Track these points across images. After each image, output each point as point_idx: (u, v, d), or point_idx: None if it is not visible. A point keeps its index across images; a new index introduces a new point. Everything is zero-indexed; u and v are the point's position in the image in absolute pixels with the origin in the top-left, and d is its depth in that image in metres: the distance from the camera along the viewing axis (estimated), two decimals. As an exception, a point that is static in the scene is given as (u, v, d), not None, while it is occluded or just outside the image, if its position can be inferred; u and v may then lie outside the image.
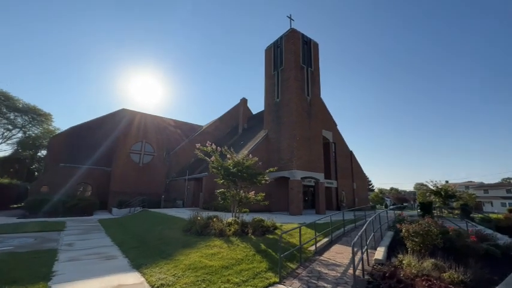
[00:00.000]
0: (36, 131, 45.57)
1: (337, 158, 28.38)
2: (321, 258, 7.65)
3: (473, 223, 17.49)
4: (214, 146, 11.50)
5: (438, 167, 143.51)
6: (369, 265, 6.93)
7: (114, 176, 27.97)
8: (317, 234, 10.20)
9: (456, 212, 26.61)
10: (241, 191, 11.87)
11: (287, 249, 7.39)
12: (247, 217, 11.51)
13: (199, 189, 23.99)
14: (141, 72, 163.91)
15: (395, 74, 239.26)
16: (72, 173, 27.74)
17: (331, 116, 29.28)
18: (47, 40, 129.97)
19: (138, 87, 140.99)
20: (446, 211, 27.76)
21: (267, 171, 12.08)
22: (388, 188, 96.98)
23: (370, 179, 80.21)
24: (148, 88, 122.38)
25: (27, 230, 12.30)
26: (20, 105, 41.92)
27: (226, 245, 7.91)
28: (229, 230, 9.08)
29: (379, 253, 7.72)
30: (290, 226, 11.53)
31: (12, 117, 42.30)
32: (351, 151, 31.01)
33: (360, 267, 6.13)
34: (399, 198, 67.97)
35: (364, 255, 7.36)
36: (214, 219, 9.87)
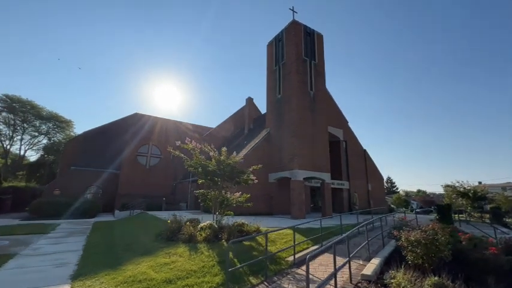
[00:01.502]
0: (59, 137, 48.12)
1: (348, 158, 26.44)
2: (297, 271, 6.39)
3: (506, 229, 15.04)
4: (194, 143, 10.63)
5: (474, 167, 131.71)
6: (351, 282, 5.56)
7: (121, 178, 28.25)
8: (305, 240, 8.96)
9: (488, 216, 23.60)
10: (227, 192, 10.90)
11: (257, 258, 6.23)
12: (236, 220, 10.46)
13: (201, 191, 23.31)
14: (156, 77, 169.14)
15: (420, 67, 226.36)
16: (83, 176, 28.38)
17: (341, 113, 27.45)
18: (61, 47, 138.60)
19: (152, 91, 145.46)
20: (476, 215, 24.81)
21: (250, 168, 10.91)
22: (415, 190, 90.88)
23: (394, 180, 75.67)
24: (163, 92, 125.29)
25: (15, 232, 12.16)
26: (44, 113, 44.44)
27: (189, 252, 6.91)
28: (201, 235, 8.08)
29: (370, 267, 6.29)
30: (281, 231, 10.28)
31: (38, 124, 44.99)
32: (365, 150, 28.85)
33: (333, 283, 4.83)
34: (427, 201, 63.25)
35: (353, 269, 6.05)
36: (187, 223, 8.92)
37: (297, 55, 19.77)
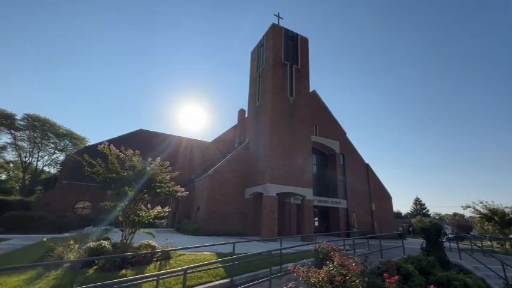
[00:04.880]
0: (75, 153, 50.40)
1: (346, 173, 23.48)
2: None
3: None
4: (113, 148, 9.17)
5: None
6: None
7: (107, 193, 27.65)
8: (215, 264, 6.78)
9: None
10: (144, 205, 9.15)
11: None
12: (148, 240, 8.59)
13: (178, 208, 21.69)
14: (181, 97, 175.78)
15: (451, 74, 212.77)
16: (73, 191, 28.20)
17: (337, 123, 24.90)
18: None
19: (178, 110, 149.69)
20: (508, 244, 20.28)
21: (166, 175, 9.11)
22: (451, 213, 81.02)
23: (423, 201, 68.71)
24: (185, 111, 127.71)
25: None
26: (61, 131, 47.03)
27: (14, 284, 5.15)
28: (68, 258, 6.30)
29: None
30: (200, 256, 8.17)
31: (56, 141, 47.63)
32: (367, 164, 25.63)
33: None
34: (462, 226, 55.47)
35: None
36: (72, 242, 7.21)
37: (274, 59, 18.24)
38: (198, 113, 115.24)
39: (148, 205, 9.77)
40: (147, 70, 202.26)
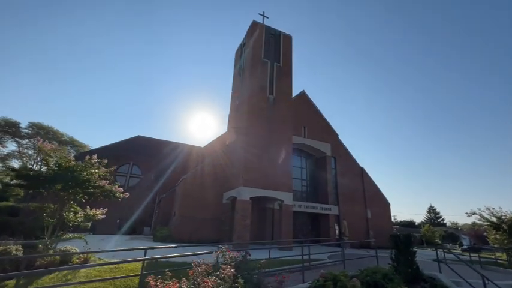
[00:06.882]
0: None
1: (338, 177, 22.07)
2: None
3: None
4: (46, 144, 8.52)
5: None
6: None
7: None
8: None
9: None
10: (74, 207, 8.41)
11: None
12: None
13: (159, 214, 20.88)
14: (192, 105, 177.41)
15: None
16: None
17: (329, 125, 23.65)
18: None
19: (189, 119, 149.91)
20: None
21: (96, 172, 8.32)
22: (470, 223, 75.85)
23: (438, 210, 64.89)
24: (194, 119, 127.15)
25: None
26: (63, 138, 47.87)
27: None
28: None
29: None
30: (129, 264, 7.21)
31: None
32: (362, 168, 24.11)
33: None
34: (480, 236, 51.51)
35: None
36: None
37: (253, 56, 17.50)
38: (199, 118, 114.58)
39: (88, 207, 9.10)
40: (147, 76, 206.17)
